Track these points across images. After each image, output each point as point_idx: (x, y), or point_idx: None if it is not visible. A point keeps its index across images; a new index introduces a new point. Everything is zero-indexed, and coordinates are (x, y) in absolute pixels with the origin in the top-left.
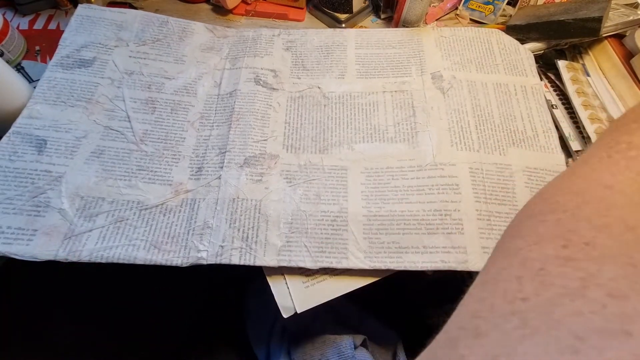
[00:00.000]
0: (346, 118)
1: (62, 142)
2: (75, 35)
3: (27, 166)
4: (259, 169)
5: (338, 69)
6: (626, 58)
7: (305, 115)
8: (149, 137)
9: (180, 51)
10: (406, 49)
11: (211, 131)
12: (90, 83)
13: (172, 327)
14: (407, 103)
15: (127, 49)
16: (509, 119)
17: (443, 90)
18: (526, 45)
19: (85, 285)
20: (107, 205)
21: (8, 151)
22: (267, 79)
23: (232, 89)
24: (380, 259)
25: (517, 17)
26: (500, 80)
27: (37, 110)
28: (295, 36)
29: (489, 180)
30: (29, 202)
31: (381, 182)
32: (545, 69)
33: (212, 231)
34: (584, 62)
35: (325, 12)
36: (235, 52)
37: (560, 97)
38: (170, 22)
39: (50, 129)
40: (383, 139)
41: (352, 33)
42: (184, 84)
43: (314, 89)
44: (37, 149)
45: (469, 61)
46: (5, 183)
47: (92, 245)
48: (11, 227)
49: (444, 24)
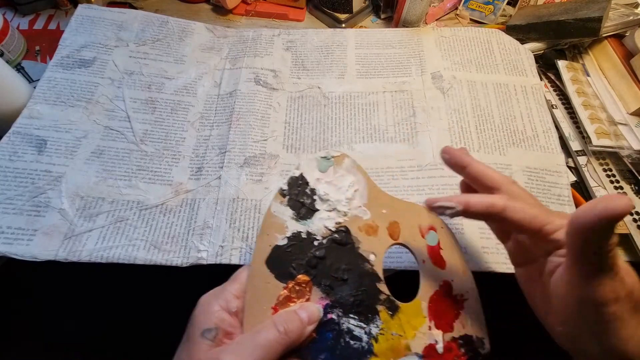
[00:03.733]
0: (346, 118)
1: (62, 142)
2: (76, 35)
3: (27, 166)
4: (259, 169)
5: (338, 69)
6: (626, 58)
7: (305, 115)
8: (149, 137)
9: (180, 51)
10: (406, 49)
11: (211, 131)
12: (90, 83)
13: (172, 327)
14: (407, 103)
15: (127, 49)
16: (509, 119)
17: (443, 90)
18: (526, 45)
19: (85, 285)
20: (107, 205)
21: (8, 151)
22: (267, 79)
23: (232, 89)
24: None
25: (517, 17)
26: (500, 80)
27: (37, 110)
28: (295, 36)
29: None
30: (29, 202)
31: (381, 182)
32: (545, 69)
33: (212, 231)
34: (584, 62)
35: (325, 12)
36: (235, 52)
37: (560, 97)
38: (170, 22)
39: (50, 129)
40: (383, 139)
41: (352, 33)
42: (184, 84)
43: (314, 89)
44: (37, 149)
45: (469, 61)
46: (5, 183)
47: (92, 245)
48: (11, 227)
49: (444, 24)
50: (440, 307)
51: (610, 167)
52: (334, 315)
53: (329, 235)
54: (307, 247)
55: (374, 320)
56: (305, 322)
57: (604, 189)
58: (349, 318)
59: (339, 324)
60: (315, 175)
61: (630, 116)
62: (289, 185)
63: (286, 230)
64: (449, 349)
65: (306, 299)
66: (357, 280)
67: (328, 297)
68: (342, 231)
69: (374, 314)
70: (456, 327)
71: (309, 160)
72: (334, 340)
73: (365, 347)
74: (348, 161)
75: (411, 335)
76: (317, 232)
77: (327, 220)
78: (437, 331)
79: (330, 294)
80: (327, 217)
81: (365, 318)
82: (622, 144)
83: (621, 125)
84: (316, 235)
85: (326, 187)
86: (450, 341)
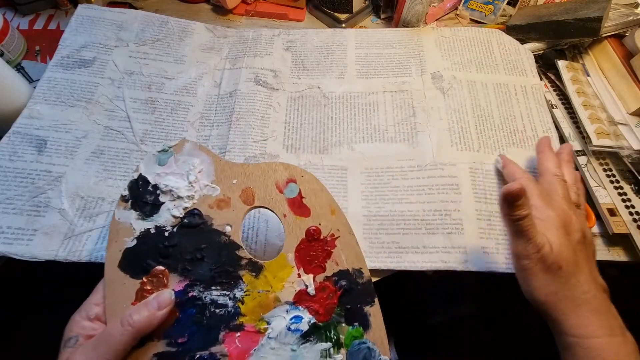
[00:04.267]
0: (346, 118)
1: (62, 142)
2: (76, 36)
3: (27, 166)
4: None
5: (338, 69)
6: (626, 58)
7: (305, 115)
8: (149, 137)
9: (180, 51)
10: (406, 49)
11: (211, 131)
12: (90, 83)
13: None
14: (407, 103)
15: (127, 49)
16: (509, 119)
17: (443, 90)
18: (526, 46)
19: (85, 285)
20: (107, 205)
21: (8, 151)
22: (267, 79)
23: (232, 89)
24: (380, 259)
25: (517, 17)
26: (500, 81)
27: (37, 110)
28: (295, 36)
29: (489, 181)
30: (29, 202)
31: (381, 182)
32: (545, 69)
33: None
34: (584, 62)
35: (325, 12)
36: (236, 52)
37: (560, 97)
38: (170, 22)
39: (51, 129)
40: (383, 139)
41: (352, 33)
42: (184, 84)
43: (314, 89)
44: (37, 149)
45: (469, 61)
46: (6, 183)
47: (92, 245)
48: (11, 227)
49: (444, 24)
50: (308, 253)
51: (610, 167)
52: (195, 292)
53: (179, 223)
54: (158, 240)
55: (237, 285)
56: (155, 308)
57: (604, 189)
58: (211, 291)
59: (202, 298)
60: (156, 171)
61: (630, 116)
62: (129, 190)
63: (134, 232)
64: (322, 288)
65: (165, 287)
66: (215, 255)
67: (187, 279)
68: (193, 214)
69: (237, 280)
70: (329, 266)
71: (147, 159)
72: (200, 314)
73: (232, 311)
74: (188, 145)
75: (279, 287)
76: (165, 223)
77: (173, 209)
78: (307, 276)
79: (189, 275)
80: (173, 207)
81: (229, 286)
82: (622, 144)
83: (621, 125)
84: (165, 226)
85: (168, 179)
86: (324, 281)
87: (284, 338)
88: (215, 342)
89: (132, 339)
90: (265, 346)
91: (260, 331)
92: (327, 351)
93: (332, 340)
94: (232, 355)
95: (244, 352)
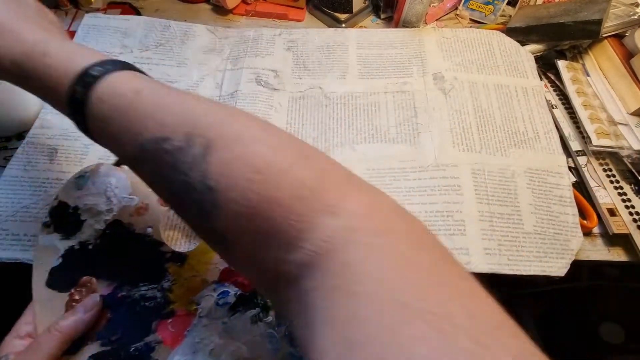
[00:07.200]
0: (348, 118)
1: (72, 150)
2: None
3: (40, 175)
4: None
5: (339, 69)
6: (626, 58)
7: (307, 115)
8: None
9: (182, 54)
10: (408, 50)
11: None
12: None
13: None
14: (408, 104)
15: (132, 55)
16: (510, 120)
17: (444, 91)
18: (526, 47)
19: None
20: None
21: (23, 161)
22: (268, 79)
23: (233, 90)
24: None
25: (517, 18)
26: (501, 82)
27: (48, 120)
28: (296, 36)
29: (491, 182)
30: (43, 210)
31: (383, 183)
32: (545, 69)
33: None
34: (584, 62)
35: (325, 12)
36: (237, 52)
37: (560, 97)
38: (172, 26)
39: (61, 138)
40: (385, 139)
41: (354, 33)
42: (187, 87)
43: (315, 89)
44: (49, 157)
45: (470, 62)
46: (22, 192)
47: None
48: (27, 235)
49: (444, 24)
50: None
51: (610, 167)
52: (124, 292)
53: (101, 235)
54: (83, 255)
55: (164, 277)
56: (81, 312)
57: (604, 189)
58: (139, 288)
59: (130, 296)
60: (75, 195)
61: (630, 116)
62: (50, 216)
63: (59, 252)
64: None
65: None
66: (140, 256)
67: (115, 282)
68: (115, 225)
69: (163, 272)
70: None
71: (66, 186)
72: (131, 311)
73: (161, 301)
74: (104, 168)
75: (204, 270)
76: (89, 238)
77: (95, 224)
78: None
79: (117, 278)
80: (94, 222)
81: (156, 279)
82: (622, 144)
83: (621, 125)
84: (89, 240)
85: (87, 199)
86: None
87: (215, 313)
88: (149, 332)
89: (61, 344)
90: (197, 325)
91: (191, 313)
92: (257, 315)
93: (260, 305)
94: (166, 341)
95: (177, 334)
